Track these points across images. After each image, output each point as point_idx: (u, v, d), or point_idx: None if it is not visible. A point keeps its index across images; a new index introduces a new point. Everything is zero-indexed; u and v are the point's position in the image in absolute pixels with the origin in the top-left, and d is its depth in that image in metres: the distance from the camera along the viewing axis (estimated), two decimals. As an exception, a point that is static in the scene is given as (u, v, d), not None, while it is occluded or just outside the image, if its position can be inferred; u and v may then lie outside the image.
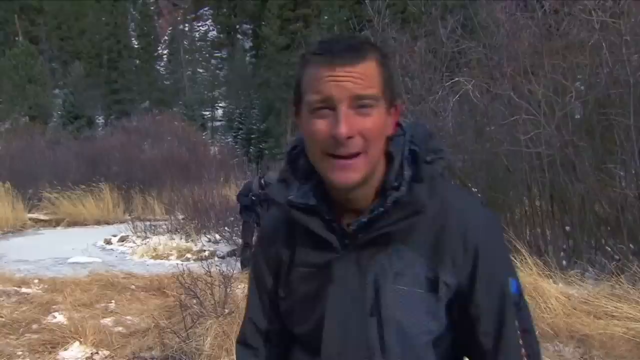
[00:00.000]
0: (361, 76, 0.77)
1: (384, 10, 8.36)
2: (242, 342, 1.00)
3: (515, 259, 4.16)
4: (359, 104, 0.77)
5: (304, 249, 0.87)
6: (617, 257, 4.80)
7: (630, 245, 4.75)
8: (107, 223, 13.65)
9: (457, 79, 6.63)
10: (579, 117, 5.84)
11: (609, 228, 5.18)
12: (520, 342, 0.82)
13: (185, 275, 4.11)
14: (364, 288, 0.80)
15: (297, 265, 0.88)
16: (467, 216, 0.83)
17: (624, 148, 4.75)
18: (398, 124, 0.87)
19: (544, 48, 5.76)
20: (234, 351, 3.92)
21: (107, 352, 4.07)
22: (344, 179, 0.78)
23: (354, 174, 0.78)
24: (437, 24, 7.58)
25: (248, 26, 50.68)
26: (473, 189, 5.79)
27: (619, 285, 4.00)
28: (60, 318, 4.83)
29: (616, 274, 4.26)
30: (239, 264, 7.36)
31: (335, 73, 0.77)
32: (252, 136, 33.86)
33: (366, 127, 0.77)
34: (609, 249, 5.04)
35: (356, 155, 0.78)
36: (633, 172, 4.76)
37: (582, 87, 5.73)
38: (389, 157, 0.84)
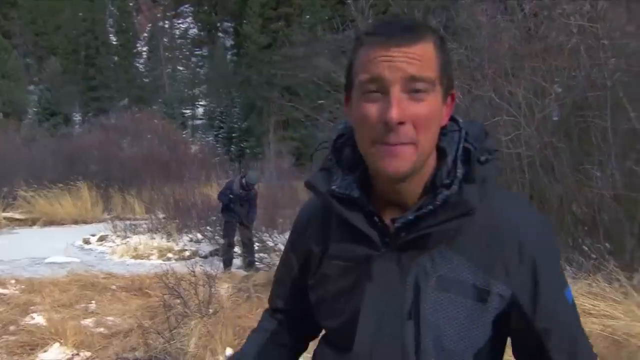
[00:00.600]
0: (418, 57, 0.72)
1: (368, 11, 8.42)
2: (269, 308, 1.05)
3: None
4: (414, 87, 0.72)
5: (342, 242, 0.83)
6: (593, 256, 4.92)
7: (606, 244, 4.87)
8: (85, 222, 13.41)
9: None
10: (556, 119, 5.96)
11: (586, 228, 5.30)
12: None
13: (169, 275, 4.07)
14: (404, 289, 0.76)
15: (333, 258, 0.84)
16: (522, 223, 0.77)
17: (601, 149, 4.87)
18: (454, 119, 0.82)
19: (524, 51, 5.88)
20: (219, 351, 3.87)
21: (88, 354, 4.01)
22: (393, 168, 0.73)
23: (404, 162, 0.73)
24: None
25: (229, 24, 50.33)
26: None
27: (596, 283, 4.10)
28: (39, 319, 4.73)
29: (593, 272, 4.37)
30: (221, 264, 7.34)
31: (389, 53, 0.72)
32: (234, 135, 33.69)
33: (419, 113, 0.72)
34: (586, 248, 5.16)
35: (407, 142, 0.73)
36: (609, 173, 4.89)
37: (560, 89, 5.86)
38: (441, 152, 0.79)
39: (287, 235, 5.43)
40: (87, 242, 10.46)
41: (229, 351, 3.83)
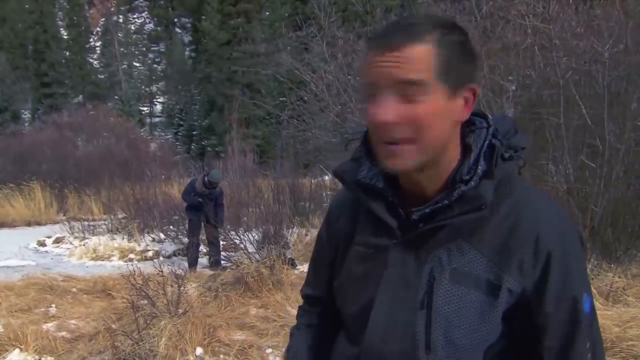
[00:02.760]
0: (407, 60, 0.73)
1: (330, 8, 8.48)
2: (303, 299, 1.05)
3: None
4: (405, 90, 0.73)
5: (366, 229, 0.86)
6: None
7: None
8: (39, 224, 12.88)
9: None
10: (511, 116, 6.21)
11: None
12: None
13: (135, 275, 4.00)
14: (419, 279, 0.78)
15: (356, 244, 0.87)
16: (542, 220, 0.77)
17: (555, 145, 5.11)
18: (484, 116, 0.83)
19: (482, 50, 6.08)
20: (189, 351, 3.85)
21: (51, 359, 3.88)
22: (392, 165, 0.76)
23: (401, 160, 0.76)
24: (382, 24, 7.79)
25: (187, 20, 49.32)
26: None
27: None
28: (-5, 325, 4.54)
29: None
30: (186, 263, 7.24)
31: (380, 58, 0.74)
32: (194, 133, 33.12)
33: (413, 114, 0.73)
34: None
35: (405, 141, 0.75)
36: (562, 167, 5.14)
37: (514, 88, 6.10)
38: (467, 148, 0.80)
39: (252, 233, 5.42)
40: (42, 244, 10.05)
41: (199, 350, 3.81)
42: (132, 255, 8.54)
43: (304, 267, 6.87)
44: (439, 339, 0.76)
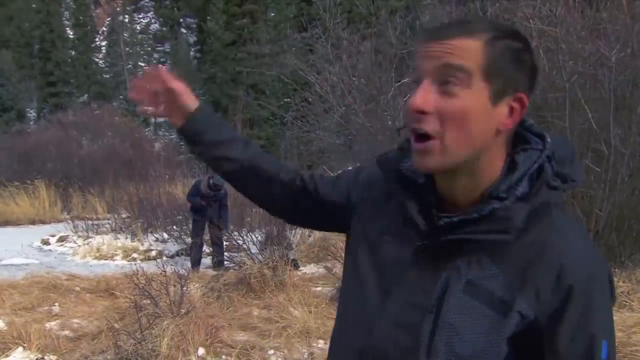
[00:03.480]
0: (454, 48, 0.71)
1: (335, 9, 8.50)
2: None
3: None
4: (446, 78, 0.72)
5: (394, 220, 0.84)
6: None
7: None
8: (43, 222, 12.93)
9: (406, 80, 6.84)
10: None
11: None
12: None
13: (138, 275, 4.01)
14: (434, 284, 0.77)
15: (381, 232, 0.86)
16: (571, 252, 0.73)
17: (560, 148, 5.10)
18: (541, 136, 0.79)
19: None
20: (191, 351, 3.86)
21: (54, 357, 3.91)
22: (418, 163, 0.76)
23: (427, 158, 0.74)
24: (387, 26, 7.79)
25: (192, 20, 49.47)
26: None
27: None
28: (-1, 323, 4.57)
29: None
30: (189, 263, 7.25)
31: (429, 46, 0.73)
32: (198, 133, 33.09)
33: (446, 107, 0.72)
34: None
35: (430, 137, 0.73)
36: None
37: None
38: (513, 164, 0.77)
39: (255, 234, 5.43)
40: (46, 242, 10.10)
41: (201, 351, 3.82)
42: (135, 255, 8.56)
43: (306, 269, 6.87)
44: (439, 346, 0.75)
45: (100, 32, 51.19)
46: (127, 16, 50.74)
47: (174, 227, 9.26)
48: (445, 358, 0.75)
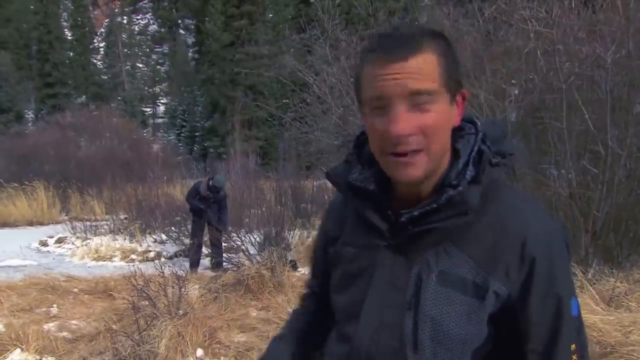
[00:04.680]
0: (416, 71, 0.74)
1: (333, 10, 8.50)
2: (305, 292, 1.11)
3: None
4: (416, 100, 0.75)
5: (356, 230, 0.88)
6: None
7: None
8: (41, 224, 12.91)
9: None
10: (513, 120, 6.20)
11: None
12: None
13: (136, 276, 4.00)
14: (407, 280, 0.79)
15: (347, 245, 0.90)
16: (529, 224, 0.78)
17: (557, 150, 5.11)
18: (472, 122, 0.85)
19: (485, 54, 6.09)
20: (189, 352, 3.84)
21: (52, 359, 3.90)
22: (406, 176, 0.78)
23: (415, 171, 0.77)
24: (385, 27, 7.80)
25: (190, 21, 49.49)
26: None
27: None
28: (-3, 325, 4.55)
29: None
30: (187, 264, 7.25)
31: (388, 70, 0.74)
32: (197, 134, 33.17)
33: (426, 124, 0.75)
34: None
35: (417, 151, 0.76)
36: (564, 172, 5.14)
37: (517, 92, 6.10)
38: (455, 153, 0.82)
39: (254, 235, 5.46)
40: (44, 244, 10.08)
41: (199, 352, 3.82)
42: (133, 256, 8.55)
43: (305, 269, 6.87)
44: (425, 339, 0.77)
45: (98, 34, 51.22)
46: (125, 17, 50.72)
47: (172, 228, 9.25)
48: (432, 350, 0.77)
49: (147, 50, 49.98)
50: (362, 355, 0.83)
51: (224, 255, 7.14)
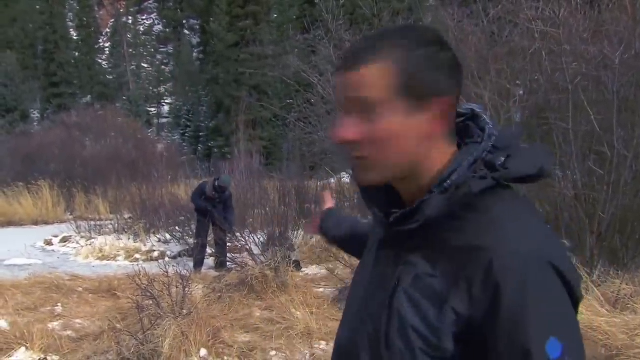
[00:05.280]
0: (360, 80, 0.74)
1: (338, 11, 8.50)
2: None
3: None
4: (360, 108, 0.75)
5: (374, 223, 0.94)
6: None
7: (566, 242, 5.09)
8: (46, 223, 12.96)
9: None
10: (518, 120, 6.18)
11: (548, 226, 5.52)
12: None
13: (141, 275, 4.01)
14: (392, 279, 0.80)
15: (374, 238, 0.93)
16: (504, 242, 0.70)
17: (563, 151, 5.08)
18: (482, 129, 0.80)
19: (489, 54, 6.07)
20: (193, 352, 3.85)
21: (56, 358, 3.91)
22: (357, 179, 0.82)
23: (364, 175, 0.80)
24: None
25: (195, 21, 49.59)
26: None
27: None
28: (1, 323, 4.57)
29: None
30: (191, 264, 7.26)
31: (339, 79, 0.77)
32: (201, 134, 33.23)
33: (371, 132, 0.75)
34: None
35: (362, 158, 0.78)
36: (569, 173, 5.11)
37: (522, 92, 6.08)
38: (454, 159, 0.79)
39: (257, 235, 5.50)
40: (49, 243, 10.12)
41: (203, 352, 3.82)
42: (137, 256, 8.57)
43: (308, 270, 6.87)
44: (394, 337, 0.77)
45: (103, 34, 51.43)
46: (130, 17, 50.95)
47: (177, 228, 9.27)
48: (400, 347, 0.76)
49: (152, 50, 50.16)
50: (343, 347, 0.86)
51: (228, 255, 7.15)
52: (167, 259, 8.16)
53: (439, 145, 0.79)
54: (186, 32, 50.45)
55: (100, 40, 50.37)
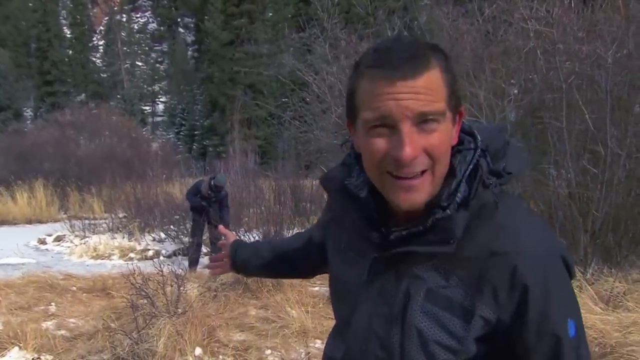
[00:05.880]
0: (425, 91, 0.69)
1: (333, 9, 8.49)
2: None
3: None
4: (424, 121, 0.70)
5: (354, 234, 0.85)
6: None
7: (562, 240, 5.12)
8: (40, 222, 12.90)
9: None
10: (512, 120, 6.20)
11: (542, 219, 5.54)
12: None
13: (135, 274, 3.99)
14: (396, 294, 0.77)
15: (345, 247, 0.88)
16: (522, 246, 0.73)
17: (557, 149, 5.10)
18: (473, 135, 0.80)
19: (484, 53, 6.08)
20: (188, 351, 3.84)
21: (50, 357, 3.88)
22: (409, 202, 0.73)
23: (419, 195, 0.73)
24: (384, 26, 7.79)
25: (190, 19, 49.42)
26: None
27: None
28: (-5, 323, 4.54)
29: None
30: (186, 263, 7.24)
31: (395, 90, 0.69)
32: (196, 133, 33.13)
33: (432, 145, 0.71)
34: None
35: (421, 173, 0.72)
36: (563, 172, 5.14)
37: (516, 91, 6.10)
38: (451, 169, 0.77)
39: (253, 233, 5.46)
40: (42, 242, 10.07)
41: (198, 350, 3.81)
42: (132, 255, 8.55)
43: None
44: (413, 353, 0.75)
45: (97, 32, 51.16)
46: (124, 15, 50.70)
47: (171, 226, 9.25)
48: None
49: (147, 48, 49.94)
50: None
51: (223, 254, 7.12)
52: (161, 257, 8.14)
53: None
54: (181, 30, 50.27)
55: (94, 39, 50.12)
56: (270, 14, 32.41)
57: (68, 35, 43.60)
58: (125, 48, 46.31)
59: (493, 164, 0.77)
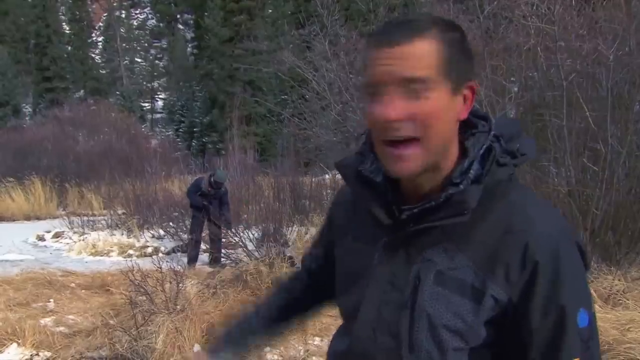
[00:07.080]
0: (410, 57, 0.71)
1: (333, 6, 8.48)
2: (301, 266, 1.11)
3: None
4: (410, 87, 0.71)
5: (364, 223, 0.85)
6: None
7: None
8: (38, 218, 12.89)
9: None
10: (512, 117, 6.19)
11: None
12: None
13: (134, 271, 3.99)
14: (406, 278, 0.77)
15: (354, 239, 0.88)
16: (534, 225, 0.73)
17: (557, 147, 5.10)
18: (487, 119, 0.81)
19: (485, 50, 6.07)
20: (187, 348, 3.83)
21: (49, 354, 3.88)
22: (399, 169, 0.75)
23: (408, 164, 0.74)
24: (383, 22, 7.78)
25: (189, 16, 49.28)
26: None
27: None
28: (-7, 319, 4.54)
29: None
30: (185, 260, 7.23)
31: (381, 55, 0.72)
32: (195, 129, 33.05)
33: (419, 111, 0.72)
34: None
35: (410, 141, 0.73)
36: (563, 170, 5.13)
37: (516, 89, 6.09)
38: (464, 151, 0.78)
39: (252, 230, 5.45)
40: (41, 238, 10.05)
41: (197, 347, 3.80)
42: (131, 251, 8.54)
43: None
44: (421, 338, 0.75)
45: (96, 28, 50.96)
46: (123, 12, 50.54)
47: (170, 223, 9.23)
48: (428, 349, 0.75)
49: (146, 44, 49.80)
50: (359, 354, 0.82)
51: (222, 251, 7.13)
52: (160, 254, 8.13)
53: (457, 132, 0.79)
54: (180, 26, 50.13)
55: (93, 35, 49.93)
56: (270, 11, 32.32)
57: (67, 32, 43.45)
58: (124, 44, 46.17)
59: (508, 145, 0.78)
